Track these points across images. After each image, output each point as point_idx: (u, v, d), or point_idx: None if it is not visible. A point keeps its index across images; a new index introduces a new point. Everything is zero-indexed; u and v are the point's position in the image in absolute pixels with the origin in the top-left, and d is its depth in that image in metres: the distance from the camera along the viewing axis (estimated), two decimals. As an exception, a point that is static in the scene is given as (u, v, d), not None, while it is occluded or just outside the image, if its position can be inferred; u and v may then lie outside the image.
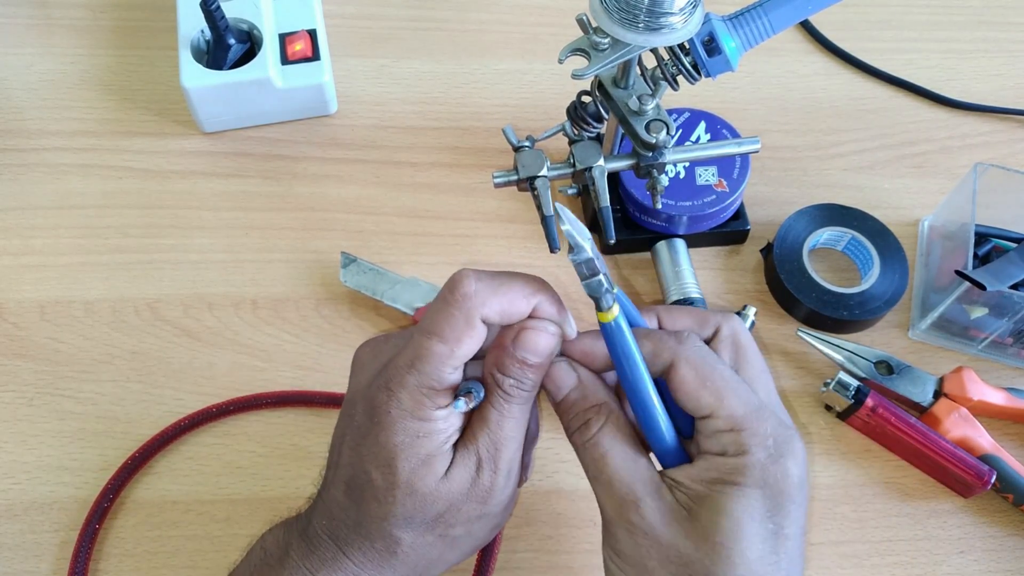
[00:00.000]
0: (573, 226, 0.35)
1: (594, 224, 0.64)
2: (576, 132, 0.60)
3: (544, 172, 0.52)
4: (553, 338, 0.38)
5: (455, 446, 0.38)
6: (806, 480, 0.36)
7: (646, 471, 0.37)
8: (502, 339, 0.38)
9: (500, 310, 0.37)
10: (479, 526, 0.39)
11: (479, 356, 0.39)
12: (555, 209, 0.37)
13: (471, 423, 0.39)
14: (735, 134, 0.64)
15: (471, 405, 0.37)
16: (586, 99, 0.59)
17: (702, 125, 0.64)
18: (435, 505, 0.37)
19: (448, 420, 0.37)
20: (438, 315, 0.37)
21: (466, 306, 0.36)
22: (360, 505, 0.38)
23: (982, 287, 0.54)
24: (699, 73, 0.54)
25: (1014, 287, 0.56)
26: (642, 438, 0.39)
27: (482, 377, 0.39)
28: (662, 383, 0.38)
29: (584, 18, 0.50)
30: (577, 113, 0.60)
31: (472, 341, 0.37)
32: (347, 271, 0.60)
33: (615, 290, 0.38)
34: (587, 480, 0.39)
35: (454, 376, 0.37)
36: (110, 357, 0.58)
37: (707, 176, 0.62)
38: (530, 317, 0.38)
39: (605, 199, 0.52)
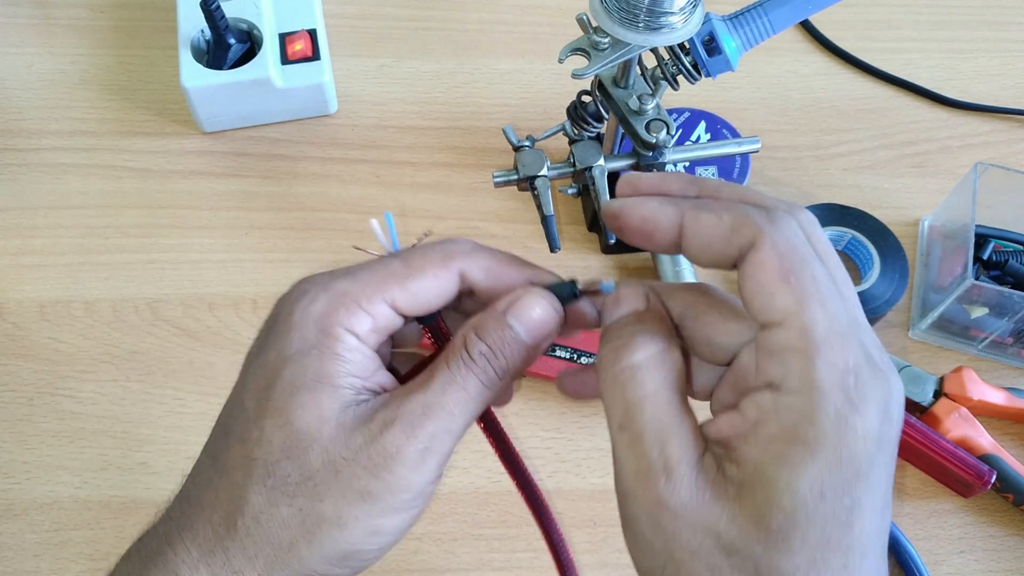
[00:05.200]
0: None
1: (594, 224, 0.64)
2: (576, 132, 0.60)
3: (544, 172, 0.52)
4: (553, 318, 0.30)
5: (368, 392, 0.30)
6: (896, 429, 0.27)
7: (690, 433, 0.27)
8: (494, 304, 0.31)
9: (486, 267, 0.31)
10: (358, 516, 0.28)
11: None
12: None
13: (410, 378, 0.31)
14: (735, 134, 0.64)
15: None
16: (586, 99, 0.59)
17: (702, 125, 0.65)
18: (308, 453, 0.28)
19: (357, 353, 0.29)
20: (414, 248, 0.32)
21: (446, 247, 0.31)
22: (217, 458, 0.29)
23: None
24: (699, 73, 0.54)
25: (1016, 287, 0.56)
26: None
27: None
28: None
29: (584, 18, 0.50)
30: (577, 113, 0.60)
31: (436, 280, 0.30)
32: None
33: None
34: (586, 480, 0.36)
35: (388, 313, 0.30)
36: (110, 357, 0.58)
37: (707, 176, 0.62)
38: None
39: (605, 199, 0.53)
